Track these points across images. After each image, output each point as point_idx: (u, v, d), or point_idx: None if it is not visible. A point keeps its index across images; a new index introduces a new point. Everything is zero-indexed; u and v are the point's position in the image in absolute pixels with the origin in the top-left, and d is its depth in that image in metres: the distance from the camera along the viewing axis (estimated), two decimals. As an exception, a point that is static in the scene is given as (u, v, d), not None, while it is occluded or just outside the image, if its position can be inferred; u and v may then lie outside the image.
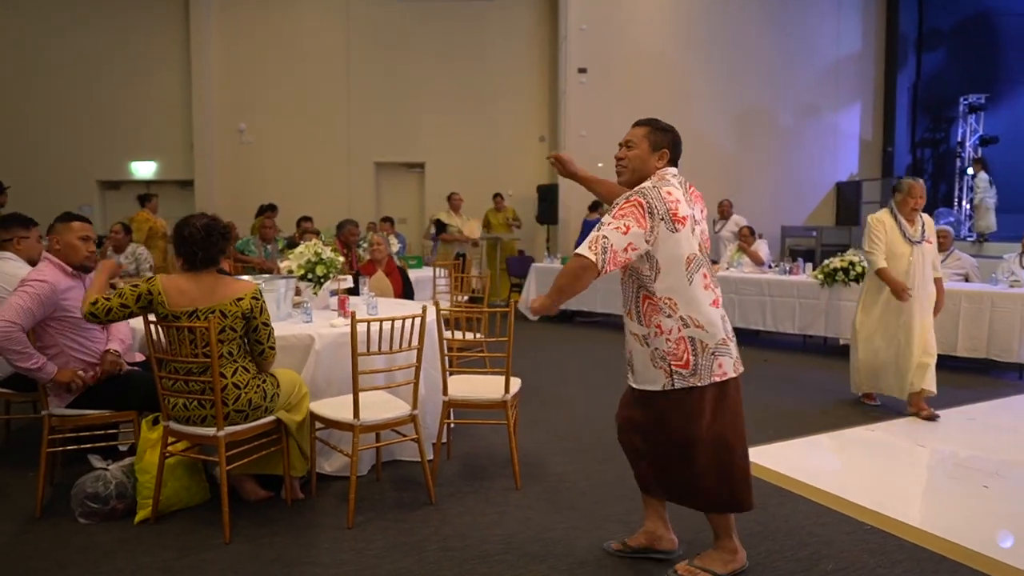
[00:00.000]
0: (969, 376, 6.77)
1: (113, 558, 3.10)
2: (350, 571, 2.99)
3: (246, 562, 3.07)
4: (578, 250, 2.56)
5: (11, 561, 3.08)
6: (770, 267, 8.72)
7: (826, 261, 7.61)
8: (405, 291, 5.98)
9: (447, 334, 4.81)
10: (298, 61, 13.49)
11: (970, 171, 13.33)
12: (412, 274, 6.65)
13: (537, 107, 13.75)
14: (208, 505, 3.62)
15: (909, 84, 14.24)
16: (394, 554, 3.13)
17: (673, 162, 2.80)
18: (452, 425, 4.52)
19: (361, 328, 3.47)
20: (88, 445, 3.76)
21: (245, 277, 4.21)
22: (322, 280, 4.70)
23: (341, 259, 4.84)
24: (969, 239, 12.64)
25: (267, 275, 5.02)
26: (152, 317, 3.25)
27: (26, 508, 3.59)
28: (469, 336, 5.51)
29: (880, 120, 14.32)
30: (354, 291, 5.48)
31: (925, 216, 5.32)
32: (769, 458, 4.39)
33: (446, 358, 4.01)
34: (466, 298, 7.36)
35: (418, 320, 3.59)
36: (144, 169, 13.68)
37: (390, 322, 3.52)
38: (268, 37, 13.46)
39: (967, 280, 7.38)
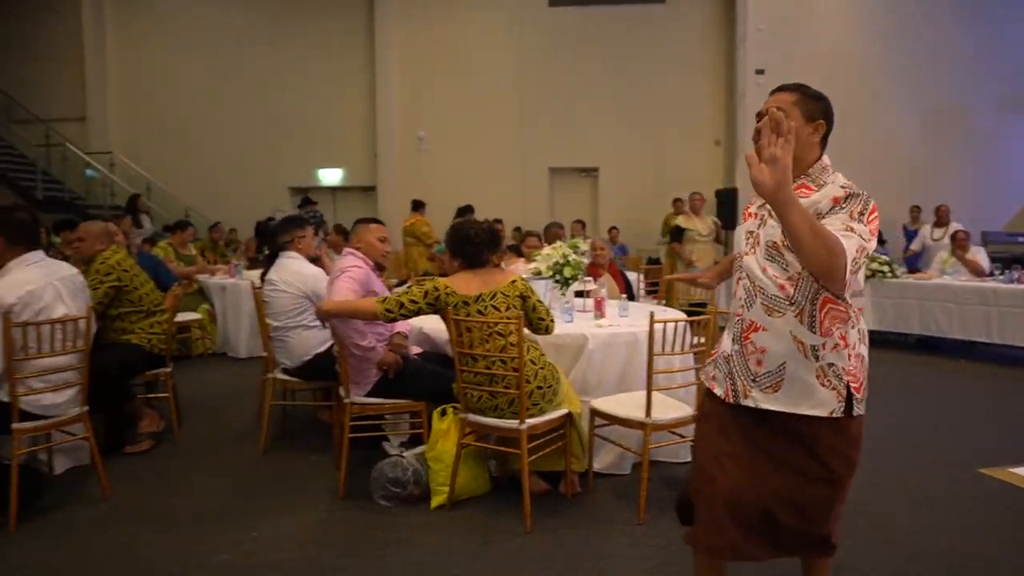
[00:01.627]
0: None
1: (423, 539, 3.28)
2: (656, 565, 3.02)
3: (552, 551, 3.17)
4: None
5: (337, 537, 3.33)
6: (991, 275, 8.14)
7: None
8: (627, 293, 6.00)
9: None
10: (473, 70, 13.89)
11: None
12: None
13: (713, 110, 13.52)
14: (491, 496, 3.75)
15: None
16: (696, 553, 3.14)
17: (825, 140, 2.21)
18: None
19: (642, 328, 3.53)
20: (367, 435, 4.01)
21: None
22: (569, 281, 4.80)
23: (586, 261, 4.92)
24: None
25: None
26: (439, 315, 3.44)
27: (328, 489, 3.85)
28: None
29: (1095, 116, 13.11)
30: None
31: None
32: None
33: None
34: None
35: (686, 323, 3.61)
36: (330, 176, 14.50)
37: (672, 324, 3.54)
38: (445, 48, 13.94)
39: None
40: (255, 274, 7.71)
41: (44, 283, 3.47)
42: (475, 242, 3.57)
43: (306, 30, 14.29)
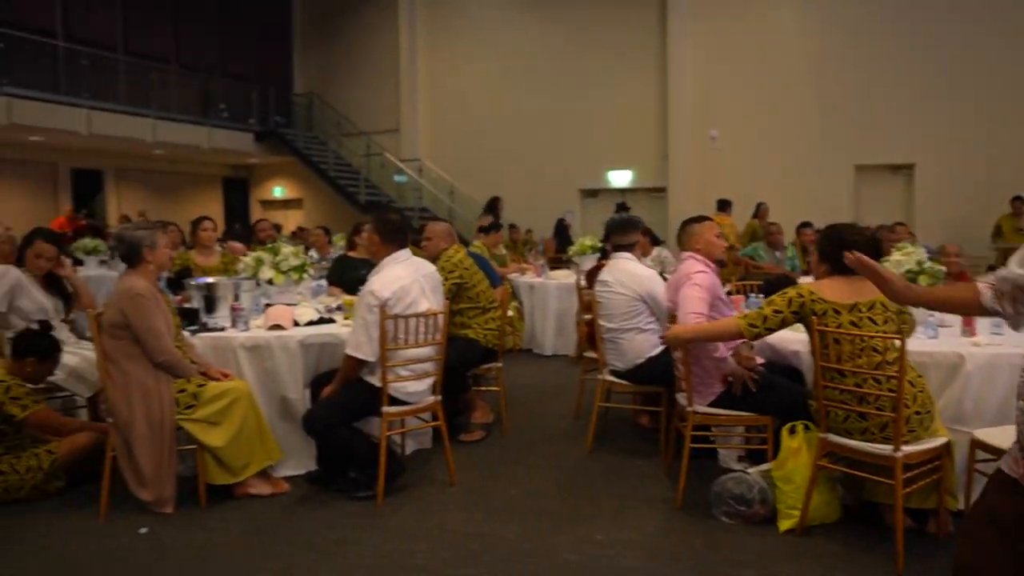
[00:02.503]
0: None
1: (777, 565, 3.05)
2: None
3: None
4: None
5: (681, 550, 3.22)
6: None
7: None
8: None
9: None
10: (769, 64, 13.21)
11: None
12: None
13: (1064, 93, 11.57)
14: (843, 525, 3.40)
15: None
16: None
17: None
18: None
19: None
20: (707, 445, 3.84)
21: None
22: (925, 292, 4.26)
23: (943, 268, 4.35)
24: None
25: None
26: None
27: (662, 499, 3.76)
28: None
29: None
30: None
31: None
32: None
33: None
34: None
35: None
36: (620, 178, 14.61)
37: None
38: (740, 43, 13.42)
39: None
40: (558, 274, 7.94)
41: (411, 279, 3.76)
42: (837, 245, 3.26)
43: (598, 35, 14.53)
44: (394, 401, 3.72)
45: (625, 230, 4.46)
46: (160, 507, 3.57)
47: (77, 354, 4.38)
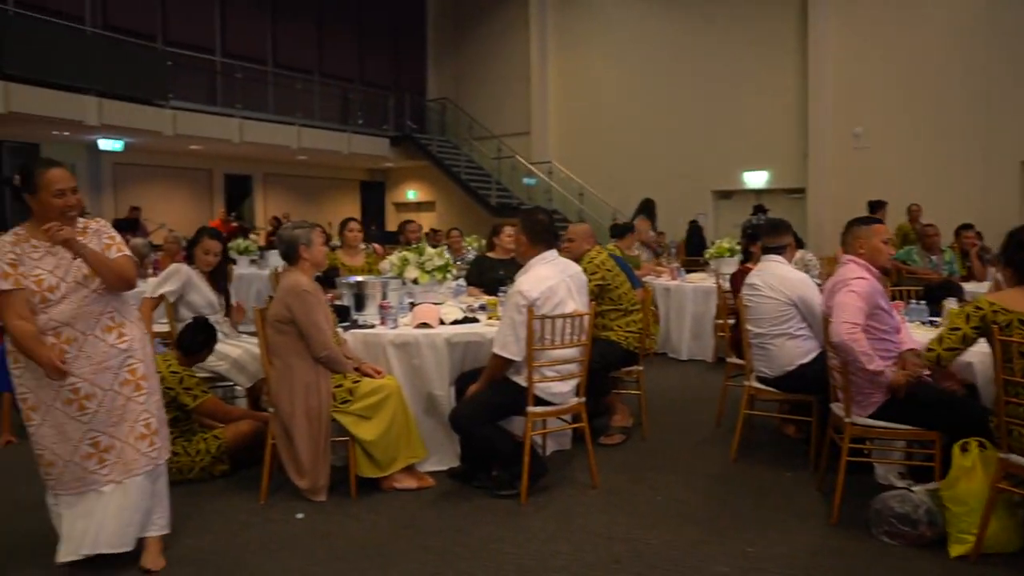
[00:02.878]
0: None
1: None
2: None
3: None
4: None
5: (839, 570, 3.05)
6: None
7: None
8: None
9: None
10: (922, 53, 12.40)
11: None
12: None
13: None
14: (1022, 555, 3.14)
15: None
16: None
17: None
18: None
19: None
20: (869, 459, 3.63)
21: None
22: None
23: None
24: None
25: None
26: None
27: (814, 513, 3.59)
28: None
29: None
30: None
31: None
32: None
33: None
34: None
35: None
36: (756, 179, 14.12)
37: None
38: (888, 32, 12.68)
39: None
40: (695, 277, 7.77)
41: (558, 280, 3.76)
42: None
43: (734, 30, 14.11)
44: (539, 401, 3.73)
45: (777, 232, 4.30)
46: (315, 495, 3.74)
47: (239, 346, 4.66)
